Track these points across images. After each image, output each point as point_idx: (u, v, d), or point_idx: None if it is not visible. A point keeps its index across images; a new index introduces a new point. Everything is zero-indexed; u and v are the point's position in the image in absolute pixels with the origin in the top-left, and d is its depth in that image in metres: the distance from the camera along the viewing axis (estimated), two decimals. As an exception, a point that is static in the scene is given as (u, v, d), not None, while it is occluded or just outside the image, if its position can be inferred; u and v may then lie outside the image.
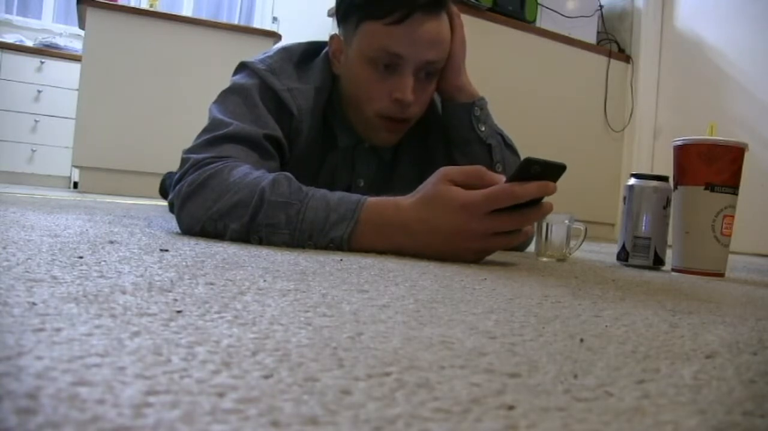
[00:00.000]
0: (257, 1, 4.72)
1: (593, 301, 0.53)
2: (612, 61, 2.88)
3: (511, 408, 0.23)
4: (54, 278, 0.41)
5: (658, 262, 1.01)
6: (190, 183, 0.83)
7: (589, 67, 2.84)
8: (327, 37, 1.04)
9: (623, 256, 1.03)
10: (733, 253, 1.12)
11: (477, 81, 1.04)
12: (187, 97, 2.99)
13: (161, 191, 1.62)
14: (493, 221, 0.74)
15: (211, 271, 0.51)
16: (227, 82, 1.01)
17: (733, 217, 0.96)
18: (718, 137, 0.97)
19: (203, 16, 4.02)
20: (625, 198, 1.05)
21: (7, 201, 1.37)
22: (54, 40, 4.18)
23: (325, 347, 0.29)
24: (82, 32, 3.11)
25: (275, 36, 3.27)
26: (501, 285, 0.58)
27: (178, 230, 0.87)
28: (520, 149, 1.12)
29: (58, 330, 0.28)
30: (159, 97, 2.99)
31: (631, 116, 2.94)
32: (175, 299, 0.37)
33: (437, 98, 1.07)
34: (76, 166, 3.09)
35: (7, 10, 4.38)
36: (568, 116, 2.76)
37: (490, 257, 0.84)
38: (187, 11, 4.44)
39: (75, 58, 3.86)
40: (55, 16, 4.51)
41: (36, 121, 4.07)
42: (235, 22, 4.27)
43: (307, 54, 1.04)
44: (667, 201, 1.02)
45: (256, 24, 4.38)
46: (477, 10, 2.46)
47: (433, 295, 0.49)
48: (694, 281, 0.86)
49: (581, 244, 1.05)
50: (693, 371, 0.31)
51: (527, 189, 0.73)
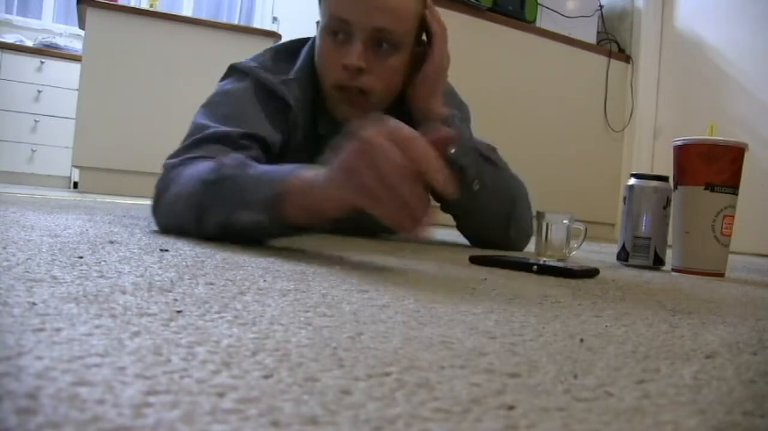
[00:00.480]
0: (257, 1, 4.72)
1: (593, 301, 0.53)
2: (612, 61, 2.88)
3: (511, 408, 0.23)
4: (54, 278, 0.41)
5: (658, 262, 1.01)
6: (157, 188, 0.84)
7: (589, 67, 2.84)
8: None
9: (623, 256, 1.03)
10: (733, 253, 1.12)
11: (477, 81, 1.04)
12: (187, 98, 2.97)
13: None
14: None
15: (211, 271, 0.51)
16: None
17: (733, 217, 0.96)
18: (718, 137, 0.97)
19: (203, 16, 4.02)
20: (625, 198, 1.05)
21: (7, 201, 1.37)
22: (54, 40, 4.18)
23: (325, 347, 0.29)
24: (82, 32, 3.11)
25: (275, 36, 3.26)
26: (501, 285, 0.58)
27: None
28: (520, 149, 1.12)
29: (58, 330, 0.28)
30: (159, 97, 2.99)
31: (631, 116, 2.94)
32: (175, 299, 0.37)
33: None
34: (76, 166, 3.09)
35: (7, 10, 4.38)
36: (568, 116, 2.76)
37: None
38: (187, 11, 4.44)
39: (75, 58, 3.86)
40: (55, 16, 4.51)
41: (36, 121, 4.07)
42: (235, 22, 4.27)
43: (293, 49, 1.05)
44: (667, 201, 1.02)
45: (256, 24, 4.37)
46: (477, 10, 2.46)
47: (433, 295, 0.49)
48: (694, 281, 0.86)
49: (581, 244, 1.05)
50: (693, 371, 0.31)
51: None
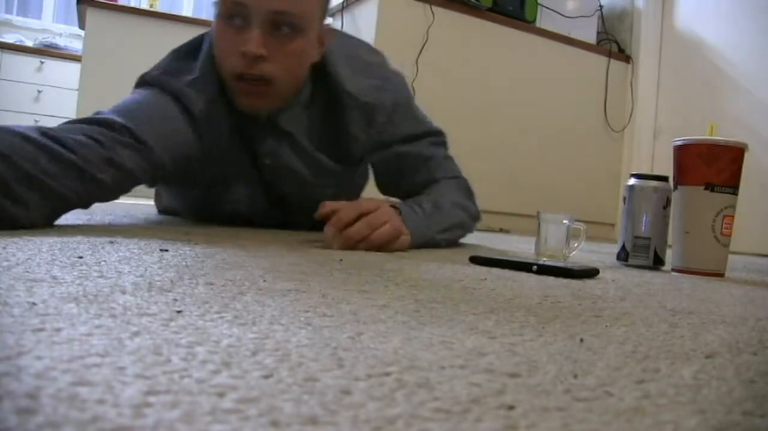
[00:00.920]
0: None
1: (593, 301, 0.53)
2: (612, 61, 2.88)
3: (511, 408, 0.23)
4: (54, 278, 0.41)
5: (658, 262, 1.01)
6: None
7: (589, 67, 2.84)
8: None
9: (623, 256, 1.03)
10: (733, 253, 1.12)
11: (477, 81, 1.04)
12: (187, 98, 2.98)
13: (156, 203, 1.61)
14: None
15: (211, 271, 0.51)
16: None
17: (733, 217, 0.96)
18: (718, 137, 0.97)
19: (203, 16, 4.01)
20: (625, 198, 1.05)
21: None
22: (54, 40, 4.18)
23: (325, 347, 0.29)
24: (82, 32, 3.11)
25: (275, 36, 3.26)
26: (501, 285, 0.58)
27: (179, 229, 0.87)
28: (520, 149, 1.13)
29: (58, 330, 0.28)
30: (159, 97, 2.99)
31: (631, 116, 2.94)
32: (175, 299, 0.37)
33: (347, 78, 1.02)
34: (76, 166, 3.08)
35: (7, 10, 4.38)
36: (568, 116, 2.76)
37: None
38: (187, 11, 4.43)
39: (75, 58, 3.86)
40: (55, 16, 4.50)
41: (36, 121, 4.07)
42: (235, 22, 4.26)
43: (195, 44, 1.01)
44: (667, 201, 1.02)
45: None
46: (477, 10, 2.46)
47: (433, 295, 0.49)
48: (694, 281, 0.86)
49: (581, 244, 1.05)
50: (693, 371, 0.31)
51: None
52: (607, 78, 2.87)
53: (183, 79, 0.95)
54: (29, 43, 4.16)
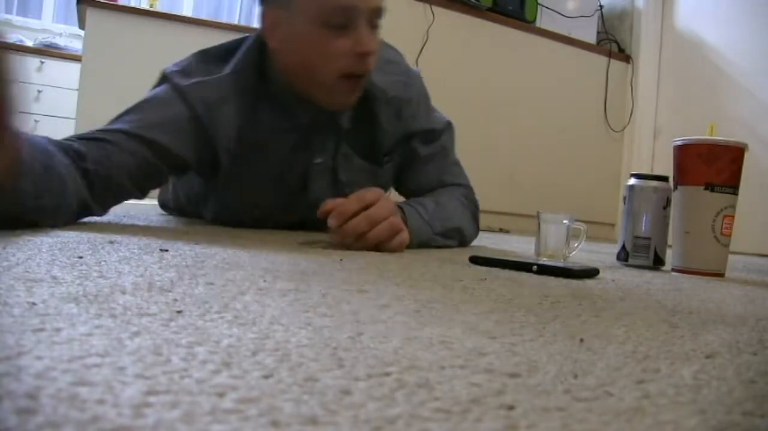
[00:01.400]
0: (257, 1, 4.72)
1: (593, 301, 0.53)
2: (612, 61, 2.88)
3: (511, 408, 0.23)
4: (54, 278, 0.41)
5: (658, 262, 1.01)
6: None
7: (589, 67, 2.84)
8: None
9: (623, 256, 1.03)
10: (733, 253, 1.12)
11: (477, 81, 1.04)
12: (187, 97, 2.98)
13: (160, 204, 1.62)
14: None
15: (211, 271, 0.51)
16: None
17: (733, 217, 0.96)
18: (718, 137, 0.97)
19: (203, 16, 4.02)
20: (625, 198, 1.05)
21: (7, 201, 1.37)
22: (54, 40, 4.18)
23: (325, 347, 0.29)
24: (82, 32, 3.10)
25: (275, 36, 3.26)
26: (501, 285, 0.58)
27: (179, 229, 0.87)
28: (520, 149, 1.14)
29: (58, 329, 0.28)
30: (159, 97, 2.99)
31: (631, 116, 2.94)
32: (175, 299, 0.37)
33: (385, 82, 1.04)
34: (76, 166, 3.08)
35: (7, 10, 4.38)
36: (568, 116, 2.76)
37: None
38: (187, 11, 4.43)
39: (75, 58, 3.85)
40: (55, 16, 4.50)
41: (36, 121, 4.07)
42: (235, 22, 4.27)
43: (227, 51, 1.02)
44: (667, 201, 1.02)
45: (256, 24, 4.37)
46: (477, 10, 2.46)
47: (433, 295, 0.49)
48: (694, 281, 0.86)
49: (581, 244, 1.05)
50: (693, 371, 0.31)
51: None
52: (607, 78, 2.87)
53: (193, 78, 0.95)
54: (29, 43, 4.15)
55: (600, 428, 0.21)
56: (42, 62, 4.06)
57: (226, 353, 0.27)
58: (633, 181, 1.04)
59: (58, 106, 4.05)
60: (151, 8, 3.51)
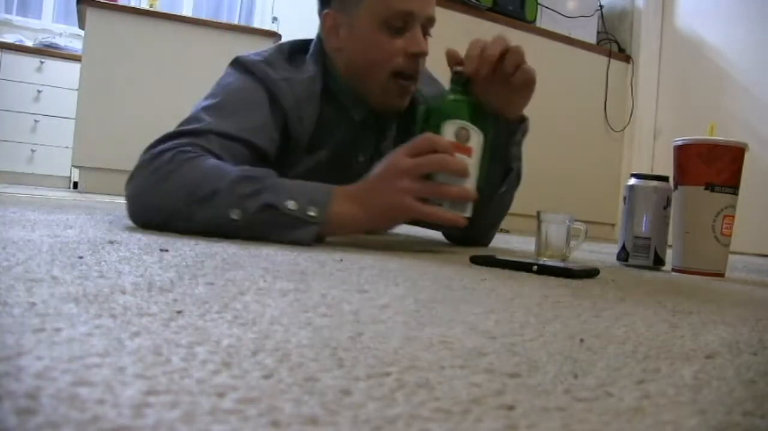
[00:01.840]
0: (257, 1, 4.71)
1: (593, 301, 0.53)
2: (612, 61, 2.88)
3: (511, 408, 0.23)
4: (54, 278, 0.41)
5: (658, 262, 1.01)
6: (144, 167, 0.84)
7: (589, 67, 2.83)
8: None
9: (623, 256, 1.03)
10: (733, 253, 1.12)
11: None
12: (187, 98, 2.96)
13: None
14: (415, 183, 0.81)
15: (211, 271, 0.51)
16: None
17: (733, 217, 0.96)
18: (718, 137, 0.97)
19: (203, 16, 4.02)
20: (625, 198, 1.05)
21: (7, 201, 1.37)
22: (54, 40, 4.18)
23: (325, 347, 0.29)
24: (82, 32, 3.10)
25: (275, 36, 3.26)
26: (501, 285, 0.58)
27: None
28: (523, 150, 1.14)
29: (58, 330, 0.28)
30: (159, 97, 2.99)
31: (631, 116, 2.94)
32: (175, 299, 0.37)
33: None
34: (76, 166, 3.08)
35: (7, 10, 4.38)
36: (568, 116, 2.76)
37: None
38: (187, 11, 4.43)
39: (75, 58, 3.85)
40: (55, 16, 4.50)
41: (36, 121, 4.07)
42: (235, 22, 4.27)
43: (297, 49, 1.07)
44: (667, 201, 1.02)
45: (256, 24, 4.37)
46: (477, 10, 2.46)
47: (433, 295, 0.49)
48: (694, 281, 0.86)
49: (581, 244, 1.05)
50: (693, 371, 0.31)
51: (442, 140, 0.83)
52: (607, 78, 2.87)
53: (280, 73, 0.99)
54: (29, 43, 4.16)
55: (600, 428, 0.21)
56: (42, 62, 4.06)
57: (226, 353, 0.27)
58: (633, 181, 1.04)
59: (58, 107, 4.06)
60: (151, 8, 3.51)
